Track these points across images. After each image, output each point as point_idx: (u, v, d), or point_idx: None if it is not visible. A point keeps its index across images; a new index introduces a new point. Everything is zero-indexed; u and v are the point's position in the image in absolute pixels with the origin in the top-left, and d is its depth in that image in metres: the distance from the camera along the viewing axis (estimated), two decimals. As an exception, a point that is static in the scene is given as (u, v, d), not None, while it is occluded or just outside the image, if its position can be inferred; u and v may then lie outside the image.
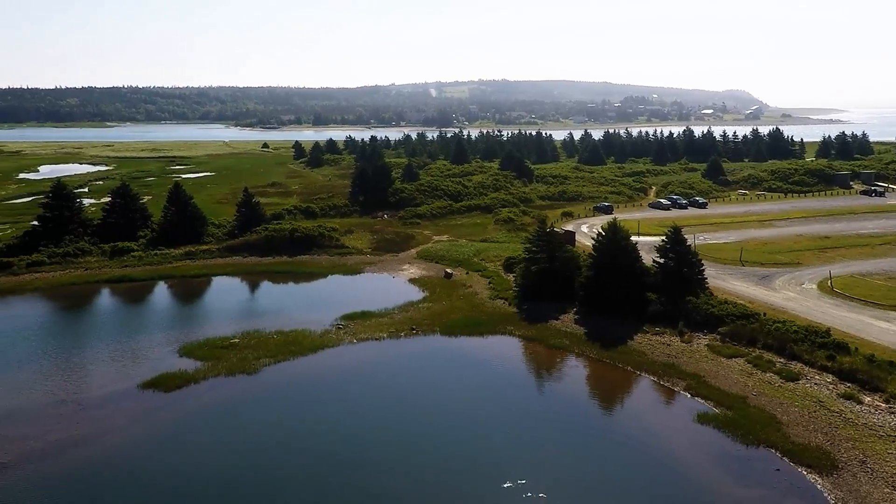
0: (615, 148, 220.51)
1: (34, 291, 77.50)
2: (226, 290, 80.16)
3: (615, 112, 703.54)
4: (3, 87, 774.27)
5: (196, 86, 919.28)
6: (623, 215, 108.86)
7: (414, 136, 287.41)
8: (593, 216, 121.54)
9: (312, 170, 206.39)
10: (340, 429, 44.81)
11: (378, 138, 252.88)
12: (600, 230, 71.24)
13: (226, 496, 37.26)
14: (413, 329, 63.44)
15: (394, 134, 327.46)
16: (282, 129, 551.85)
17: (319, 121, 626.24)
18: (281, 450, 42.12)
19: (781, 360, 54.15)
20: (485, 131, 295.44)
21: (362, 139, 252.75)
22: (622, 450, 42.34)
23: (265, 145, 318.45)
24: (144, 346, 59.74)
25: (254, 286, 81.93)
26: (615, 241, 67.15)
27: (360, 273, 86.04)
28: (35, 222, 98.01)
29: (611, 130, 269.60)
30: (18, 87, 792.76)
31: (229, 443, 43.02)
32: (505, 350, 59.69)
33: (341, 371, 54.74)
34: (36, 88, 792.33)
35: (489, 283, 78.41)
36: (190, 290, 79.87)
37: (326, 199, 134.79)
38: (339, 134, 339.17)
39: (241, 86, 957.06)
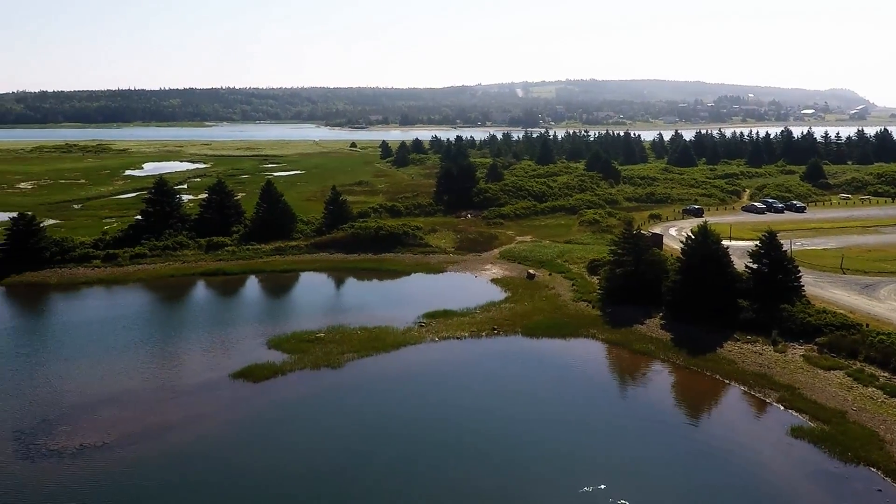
0: (707, 149, 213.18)
1: (136, 282, 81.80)
2: (312, 286, 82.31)
3: (708, 112, 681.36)
4: (113, 89, 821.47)
5: (289, 87, 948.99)
6: (714, 219, 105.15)
7: (499, 136, 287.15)
8: (682, 219, 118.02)
9: (398, 169, 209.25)
10: (422, 425, 45.25)
11: (463, 138, 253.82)
12: (689, 233, 69.09)
13: (309, 483, 38.26)
14: (494, 329, 63.35)
15: (479, 134, 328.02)
16: (369, 129, 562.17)
17: (406, 121, 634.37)
18: (362, 442, 42.89)
19: (885, 374, 51.00)
20: (571, 131, 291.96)
21: (448, 139, 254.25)
22: (709, 460, 40.93)
23: (353, 145, 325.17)
24: (235, 338, 62.06)
25: (339, 282, 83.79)
26: (705, 245, 64.95)
27: (442, 272, 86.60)
28: (139, 217, 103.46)
29: (703, 131, 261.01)
30: (126, 88, 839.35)
31: (314, 433, 44.18)
32: (587, 353, 58.78)
33: (423, 368, 55.26)
34: (142, 90, 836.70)
35: (572, 284, 77.40)
36: (279, 285, 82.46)
37: (411, 197, 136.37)
38: (425, 134, 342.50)
39: (331, 86, 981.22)
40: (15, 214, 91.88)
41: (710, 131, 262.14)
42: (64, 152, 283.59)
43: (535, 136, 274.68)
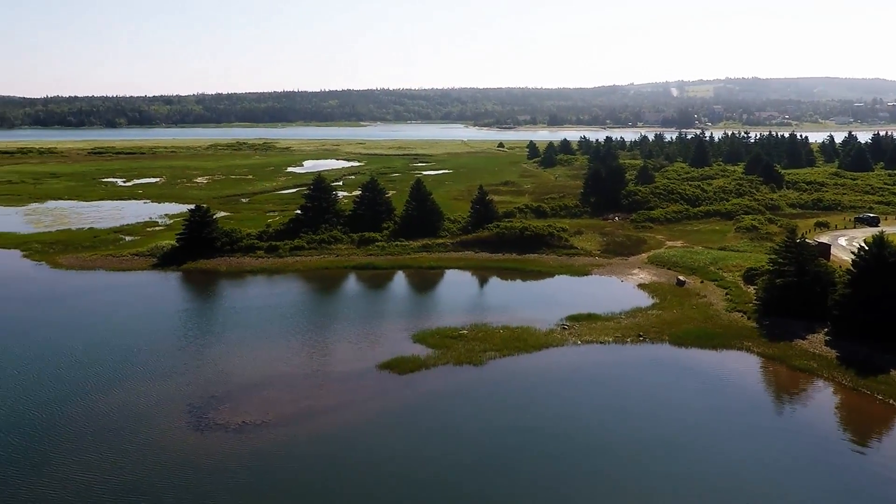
0: (886, 152, 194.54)
1: (294, 273, 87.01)
2: (457, 283, 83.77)
3: (888, 112, 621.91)
4: (279, 91, 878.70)
5: (440, 87, 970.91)
6: (892, 229, 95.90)
7: (651, 137, 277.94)
8: (854, 228, 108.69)
9: (545, 170, 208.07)
10: (560, 427, 44.86)
11: (613, 139, 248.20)
12: (862, 244, 63.51)
13: (449, 474, 39.05)
14: (640, 336, 61.53)
15: (630, 135, 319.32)
16: (517, 129, 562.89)
17: (554, 121, 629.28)
18: (501, 439, 43.24)
19: None
20: (729, 133, 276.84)
21: (597, 140, 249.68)
22: (884, 489, 37.48)
23: (500, 145, 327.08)
24: (382, 330, 64.46)
25: (483, 281, 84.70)
26: (880, 258, 59.42)
27: (587, 275, 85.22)
28: (298, 211, 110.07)
29: (881, 133, 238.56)
30: (290, 90, 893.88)
31: (455, 427, 45.04)
32: (740, 367, 55.66)
33: (565, 370, 54.73)
34: (304, 92, 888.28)
35: (726, 293, 73.55)
36: (425, 281, 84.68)
37: (557, 199, 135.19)
38: (573, 134, 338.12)
39: (480, 87, 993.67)
40: (192, 206, 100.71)
41: (890, 133, 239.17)
42: (235, 150, 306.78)
43: (689, 137, 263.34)
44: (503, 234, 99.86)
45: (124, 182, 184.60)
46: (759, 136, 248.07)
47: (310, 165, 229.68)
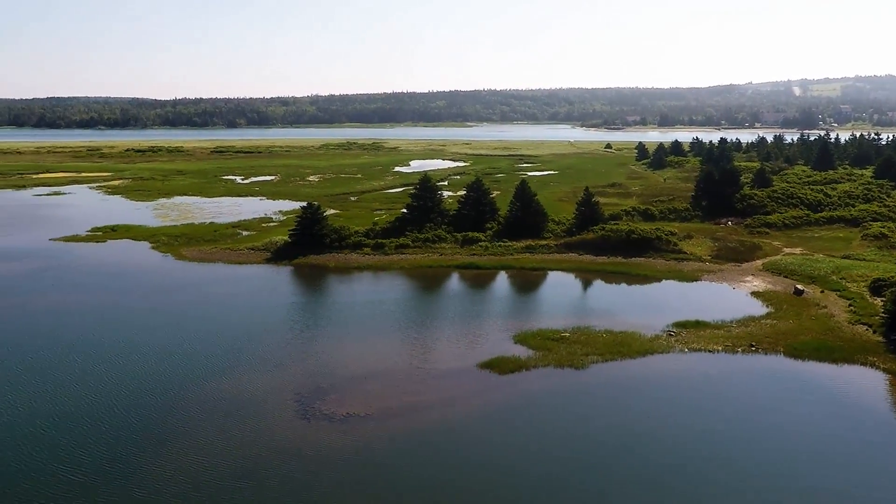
0: None
1: (399, 270, 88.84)
2: (560, 285, 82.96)
3: None
4: (388, 92, 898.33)
5: (547, 88, 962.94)
6: None
7: (770, 138, 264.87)
8: None
9: (654, 171, 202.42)
10: (662, 437, 43.67)
11: (728, 140, 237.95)
12: None
13: (547, 477, 38.82)
14: (752, 346, 58.85)
15: (746, 136, 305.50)
16: (626, 130, 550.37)
17: (665, 121, 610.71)
18: (599, 445, 42.60)
19: None
20: (857, 134, 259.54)
21: (710, 141, 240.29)
22: None
23: (608, 146, 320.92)
24: (483, 330, 64.79)
25: (586, 284, 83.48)
26: None
27: (696, 280, 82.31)
28: (404, 210, 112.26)
29: None
30: (399, 91, 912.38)
31: (555, 428, 44.74)
32: (863, 383, 52.19)
33: (669, 378, 53.15)
34: (412, 93, 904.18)
35: (849, 305, 69.14)
36: (527, 282, 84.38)
37: (666, 201, 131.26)
38: (685, 135, 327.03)
39: (588, 87, 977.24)
40: (304, 204, 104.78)
41: None
42: (345, 150, 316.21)
43: (812, 138, 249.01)
44: (608, 236, 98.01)
45: (242, 179, 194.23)
46: (891, 137, 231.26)
47: (416, 165, 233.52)
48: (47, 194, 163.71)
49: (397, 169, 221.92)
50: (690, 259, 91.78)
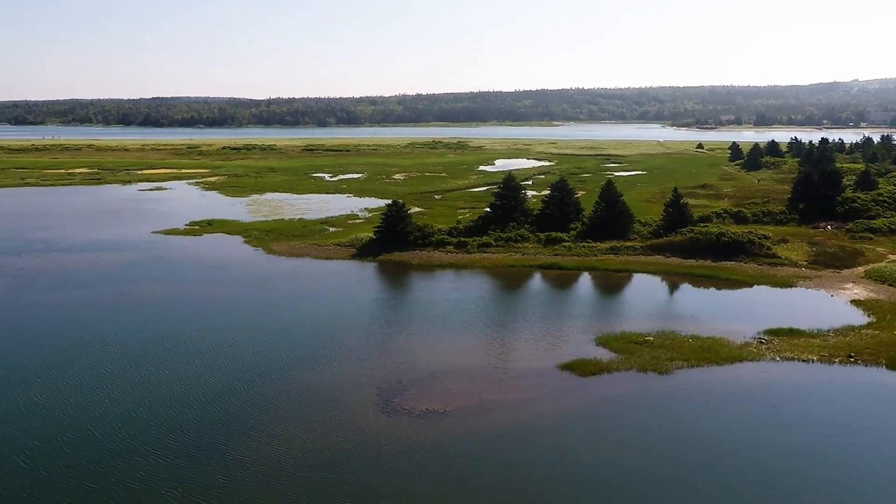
0: None
1: (481, 269, 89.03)
2: (644, 288, 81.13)
3: None
4: (474, 91, 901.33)
5: (636, 86, 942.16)
6: None
7: (876, 138, 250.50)
8: None
9: (748, 172, 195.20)
10: (750, 450, 41.98)
11: (830, 141, 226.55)
12: None
13: (626, 483, 38.14)
14: (851, 357, 55.86)
15: (850, 136, 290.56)
16: (719, 130, 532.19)
17: (761, 121, 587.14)
18: (682, 452, 41.43)
19: None
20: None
21: (810, 141, 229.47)
22: None
23: (699, 146, 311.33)
24: (564, 331, 64.12)
25: (673, 287, 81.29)
26: None
27: (791, 286, 78.79)
28: (487, 209, 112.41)
29: None
30: (486, 90, 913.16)
31: (636, 434, 43.81)
32: (975, 402, 48.67)
33: (759, 387, 51.09)
34: (499, 92, 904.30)
35: (961, 317, 64.60)
36: (611, 284, 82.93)
37: (760, 204, 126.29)
38: (782, 135, 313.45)
39: (680, 85, 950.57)
40: (389, 202, 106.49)
41: None
42: (430, 148, 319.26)
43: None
44: (697, 239, 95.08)
45: (331, 177, 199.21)
46: None
47: (501, 164, 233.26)
48: (150, 189, 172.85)
49: (482, 168, 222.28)
50: (785, 264, 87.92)
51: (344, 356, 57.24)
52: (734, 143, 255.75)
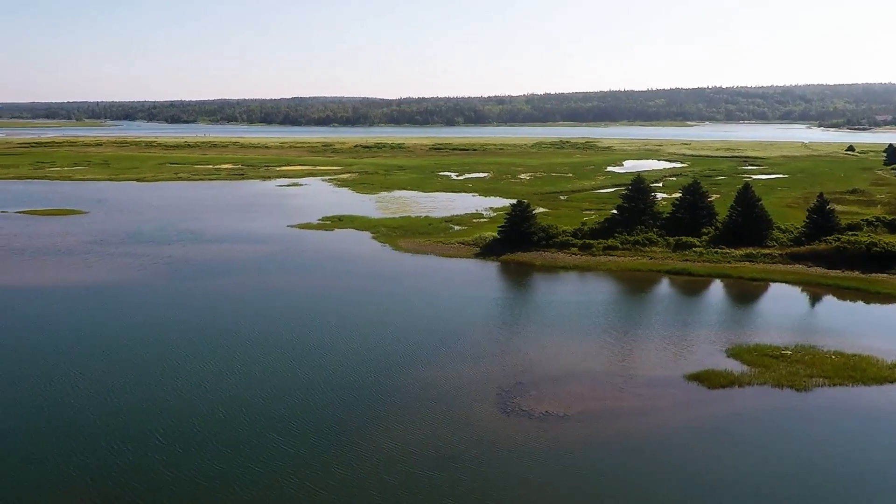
0: None
1: (605, 272, 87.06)
2: (782, 298, 76.37)
3: None
4: (605, 91, 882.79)
5: (779, 84, 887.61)
6: None
7: None
8: None
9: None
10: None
11: None
12: None
13: (755, 508, 36.09)
14: None
15: None
16: (873, 131, 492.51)
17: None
18: (820, 480, 38.64)
19: None
20: None
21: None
22: None
23: (850, 148, 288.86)
24: (692, 340, 61.48)
25: (814, 299, 76.03)
26: None
27: (954, 304, 71.62)
28: (614, 211, 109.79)
29: None
30: (616, 90, 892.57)
31: (768, 453, 41.23)
32: None
33: (912, 413, 46.86)
34: (630, 91, 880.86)
35: None
36: (745, 292, 78.69)
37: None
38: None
39: (829, 83, 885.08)
40: (514, 201, 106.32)
41: None
42: (557, 148, 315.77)
43: None
44: (844, 248, 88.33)
45: (457, 176, 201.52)
46: None
47: (630, 165, 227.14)
48: (287, 185, 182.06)
49: (610, 169, 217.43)
50: (947, 279, 79.97)
51: (464, 354, 57.68)
52: (891, 144, 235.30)
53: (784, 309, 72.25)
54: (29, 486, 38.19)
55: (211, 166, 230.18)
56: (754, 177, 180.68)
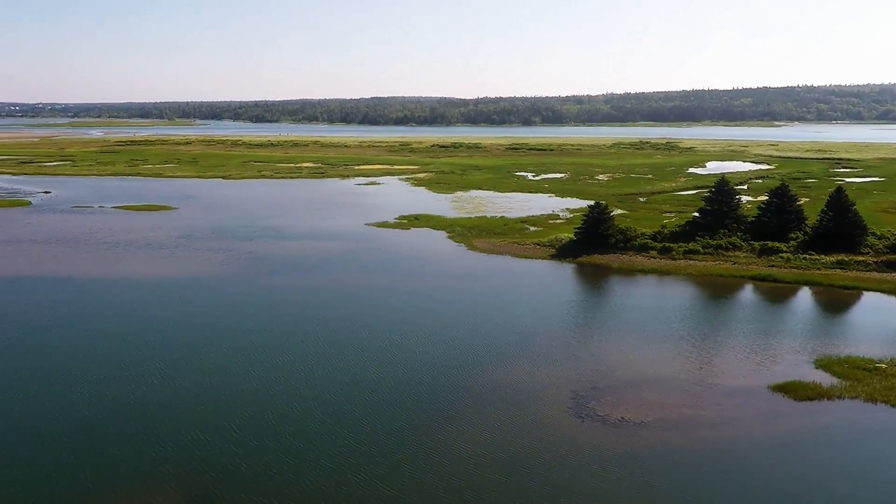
0: None
1: (685, 276, 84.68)
2: (877, 309, 72.43)
3: None
4: (687, 90, 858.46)
5: (877, 83, 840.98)
6: None
7: None
8: None
9: None
10: None
11: None
12: None
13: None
14: None
15: None
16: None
17: None
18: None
19: None
20: None
21: None
22: None
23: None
24: (777, 349, 59.04)
25: (914, 310, 71.80)
26: None
27: None
28: (696, 214, 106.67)
29: None
30: (700, 88, 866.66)
31: (856, 471, 39.21)
32: None
33: None
34: (714, 90, 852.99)
35: None
36: (835, 301, 75.05)
37: None
38: None
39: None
40: (591, 203, 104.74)
41: None
42: (637, 149, 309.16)
43: None
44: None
45: (533, 176, 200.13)
46: None
47: (713, 167, 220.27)
48: (365, 184, 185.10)
49: (691, 170, 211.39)
50: None
51: (538, 356, 57.20)
52: None
53: (878, 320, 68.50)
54: (114, 467, 40.17)
55: (292, 165, 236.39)
56: (847, 180, 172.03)
